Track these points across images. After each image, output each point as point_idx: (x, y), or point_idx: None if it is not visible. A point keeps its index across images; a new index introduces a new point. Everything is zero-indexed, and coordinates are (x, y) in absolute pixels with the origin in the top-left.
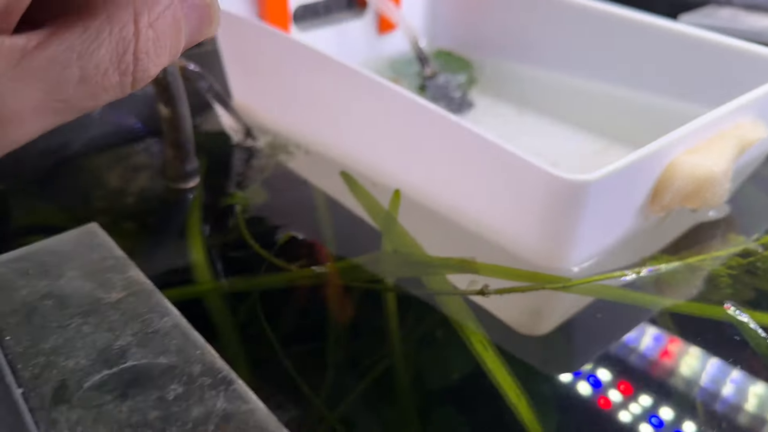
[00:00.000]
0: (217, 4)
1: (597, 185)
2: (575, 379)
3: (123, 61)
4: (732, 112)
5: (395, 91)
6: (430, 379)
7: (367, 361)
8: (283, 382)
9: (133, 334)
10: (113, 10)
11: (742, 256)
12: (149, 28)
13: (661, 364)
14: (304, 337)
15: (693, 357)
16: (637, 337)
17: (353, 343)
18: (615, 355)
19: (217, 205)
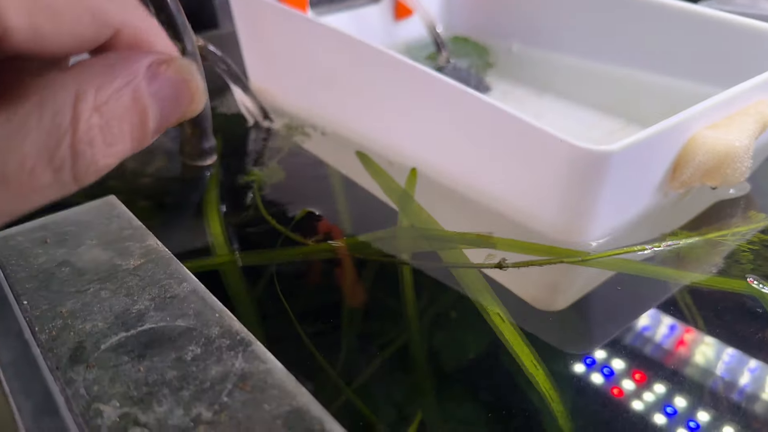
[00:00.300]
0: (199, 79)
1: (618, 156)
2: (593, 356)
3: (56, 155)
4: (754, 89)
5: (413, 67)
6: (447, 352)
7: (383, 334)
8: (298, 355)
9: (150, 299)
10: (47, 93)
11: (764, 232)
12: (94, 112)
13: (683, 341)
14: (320, 310)
15: (715, 333)
16: (657, 312)
17: (369, 316)
18: (634, 332)
19: (234, 183)
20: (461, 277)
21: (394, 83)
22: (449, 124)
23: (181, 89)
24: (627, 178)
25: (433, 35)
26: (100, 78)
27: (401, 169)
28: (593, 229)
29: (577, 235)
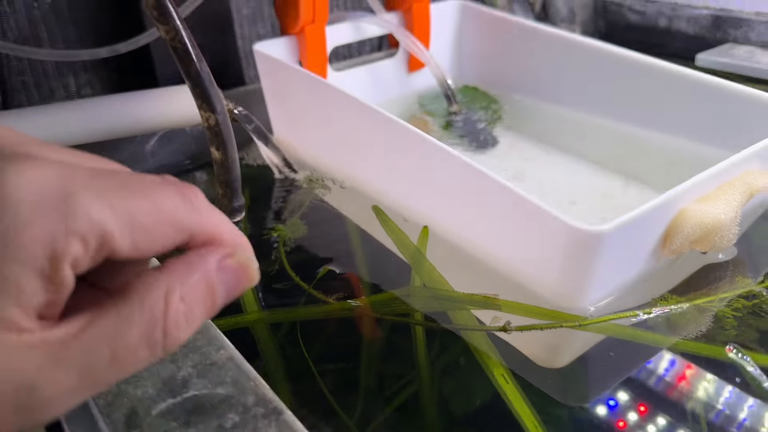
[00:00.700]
0: (254, 263)
1: (612, 235)
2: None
3: (152, 338)
4: (739, 162)
5: (419, 136)
6: (454, 406)
7: (396, 387)
8: (319, 405)
9: (193, 366)
10: (144, 292)
11: (747, 299)
12: (181, 302)
13: (669, 400)
14: (340, 364)
15: (698, 395)
16: (645, 373)
17: (384, 371)
18: (626, 389)
19: (261, 238)
20: (469, 338)
21: (403, 148)
22: (455, 190)
23: (242, 274)
24: (620, 250)
25: (444, 88)
26: (184, 275)
27: (415, 226)
28: (591, 294)
29: (577, 300)
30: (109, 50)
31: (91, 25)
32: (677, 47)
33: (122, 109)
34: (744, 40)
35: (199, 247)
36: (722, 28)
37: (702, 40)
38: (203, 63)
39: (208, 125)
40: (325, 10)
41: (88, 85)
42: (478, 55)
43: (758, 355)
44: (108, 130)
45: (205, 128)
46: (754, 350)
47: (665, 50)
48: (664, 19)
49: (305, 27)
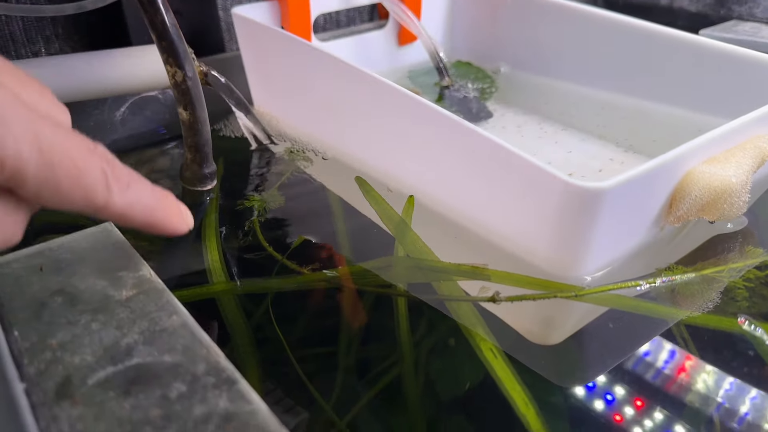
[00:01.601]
0: None
1: (612, 193)
2: (587, 391)
3: None
4: (751, 123)
5: (411, 98)
6: (440, 386)
7: (378, 366)
8: (293, 386)
9: (140, 332)
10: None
11: (760, 269)
12: None
13: (675, 379)
14: (315, 340)
15: (707, 371)
16: (650, 349)
17: (364, 347)
18: (627, 368)
19: (233, 208)
20: (455, 309)
21: (392, 112)
22: (446, 155)
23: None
24: (621, 213)
25: (436, 61)
26: None
27: (400, 196)
28: (588, 263)
29: (572, 269)
30: (75, 6)
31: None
32: (680, 25)
33: (86, 68)
34: (749, 16)
35: None
36: (726, 5)
37: (705, 18)
38: (170, 14)
39: (175, 82)
40: None
41: (61, 52)
42: (472, 27)
43: None
44: (72, 90)
45: (171, 86)
46: None
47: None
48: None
49: None
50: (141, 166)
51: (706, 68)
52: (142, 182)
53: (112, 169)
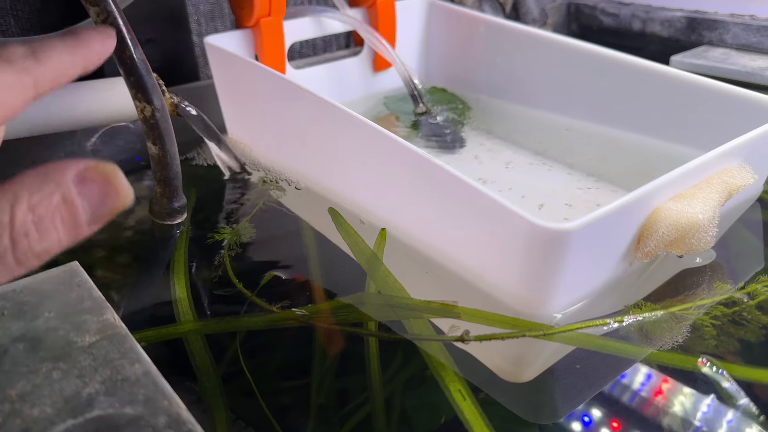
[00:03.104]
0: (121, 177)
1: (578, 234)
2: (559, 427)
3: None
4: (717, 159)
5: (380, 132)
6: (412, 426)
7: (348, 406)
8: (262, 428)
9: (102, 381)
10: None
11: (727, 306)
12: (29, 212)
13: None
14: (285, 380)
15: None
16: (619, 386)
17: (334, 387)
18: (600, 402)
19: (204, 242)
20: (425, 349)
21: (362, 145)
22: (416, 189)
23: (107, 188)
24: (588, 252)
25: (410, 88)
26: (34, 185)
27: (373, 228)
28: (557, 301)
29: (542, 307)
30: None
31: (33, 16)
32: (652, 50)
33: (57, 101)
34: (719, 42)
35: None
36: (697, 31)
37: (677, 43)
38: (138, 49)
39: (144, 117)
40: (282, 3)
41: None
42: (446, 54)
43: (738, 367)
44: (41, 124)
45: (140, 120)
46: (735, 362)
47: (640, 53)
48: (638, 21)
49: (261, 20)
50: None
51: (676, 99)
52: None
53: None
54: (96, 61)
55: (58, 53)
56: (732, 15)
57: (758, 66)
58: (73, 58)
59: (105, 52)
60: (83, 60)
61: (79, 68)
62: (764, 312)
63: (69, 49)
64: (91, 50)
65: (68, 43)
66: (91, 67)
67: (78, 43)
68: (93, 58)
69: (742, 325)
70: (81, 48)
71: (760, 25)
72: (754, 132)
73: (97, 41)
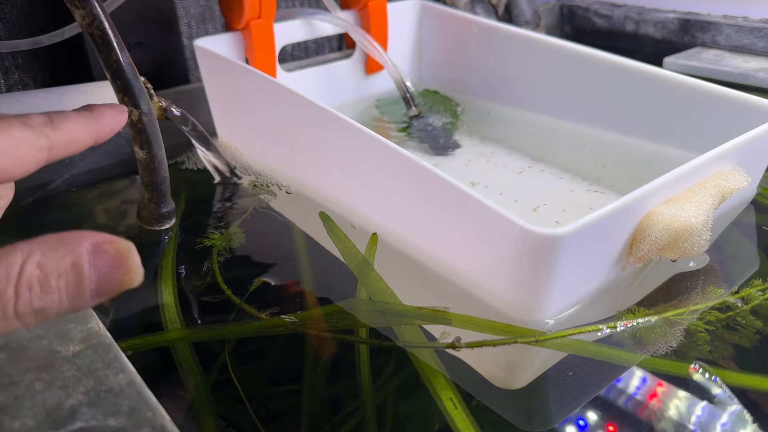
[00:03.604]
0: (134, 256)
1: (570, 239)
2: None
3: (3, 296)
4: (710, 162)
5: (371, 136)
6: (409, 429)
7: (338, 415)
8: None
9: (85, 392)
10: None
11: (721, 311)
12: (37, 267)
13: (639, 421)
14: (275, 388)
15: (668, 416)
16: (614, 392)
17: (326, 394)
18: (593, 409)
19: (192, 248)
20: (416, 356)
21: (353, 149)
22: (407, 194)
23: (119, 261)
24: (580, 257)
25: (402, 91)
26: (50, 245)
27: (364, 233)
28: (549, 306)
29: (534, 313)
30: (31, 42)
31: (21, 19)
32: (645, 52)
33: (44, 105)
34: (712, 43)
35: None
36: (690, 32)
37: (670, 44)
38: (125, 53)
39: (131, 121)
40: (272, 5)
41: (20, 84)
42: (439, 56)
43: (731, 373)
44: None
45: (127, 125)
46: (728, 368)
47: (633, 55)
48: (631, 23)
49: (251, 22)
50: (111, 198)
51: (669, 101)
52: (61, 111)
53: (28, 118)
54: (107, 134)
55: (74, 124)
56: (725, 16)
57: (751, 67)
58: (87, 129)
59: (116, 127)
60: (95, 132)
61: (92, 139)
62: (758, 317)
63: (83, 120)
64: (104, 124)
65: (83, 116)
66: (102, 139)
67: (92, 117)
68: (105, 131)
69: (736, 330)
70: (94, 121)
71: (752, 26)
72: (747, 135)
73: (109, 116)
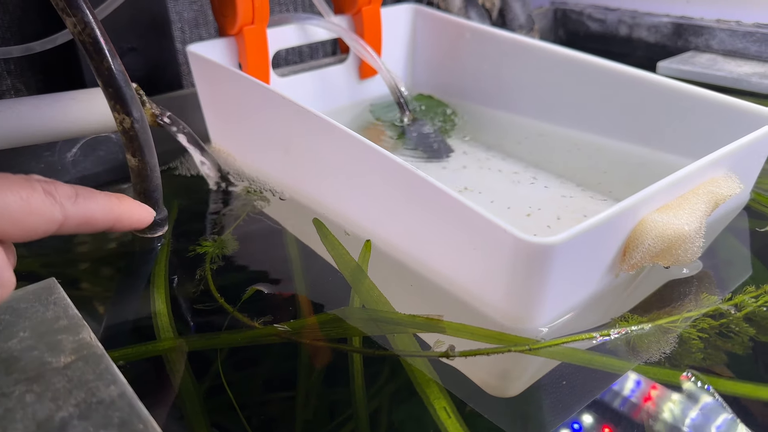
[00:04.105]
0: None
1: (562, 247)
2: None
3: None
4: (703, 169)
5: (363, 143)
6: None
7: (333, 422)
8: None
9: (76, 404)
10: None
11: (714, 318)
12: None
13: (634, 425)
14: (268, 396)
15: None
16: (607, 398)
17: (320, 403)
18: (586, 417)
19: (185, 255)
20: (409, 364)
21: (346, 156)
22: (400, 201)
23: None
24: (573, 265)
25: (396, 95)
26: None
27: (357, 240)
28: (543, 314)
29: (527, 321)
30: (23, 48)
31: (14, 25)
32: (638, 56)
33: (37, 112)
34: (705, 47)
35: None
36: (683, 36)
37: (663, 48)
38: (117, 60)
39: (123, 128)
40: (265, 11)
41: (13, 89)
42: (433, 61)
43: (725, 381)
44: (19, 135)
45: (119, 132)
46: (722, 375)
47: (626, 59)
48: (625, 27)
49: (244, 28)
50: None
51: (662, 107)
52: (91, 190)
53: (55, 187)
54: (124, 227)
55: (96, 206)
56: (718, 21)
57: (744, 72)
58: (106, 216)
59: (136, 225)
60: (114, 221)
61: (107, 226)
62: (752, 324)
63: (108, 206)
64: (125, 218)
65: (109, 202)
66: (117, 229)
67: (117, 206)
68: (123, 224)
69: (730, 338)
70: (117, 210)
71: (745, 30)
72: (740, 141)
73: (133, 213)
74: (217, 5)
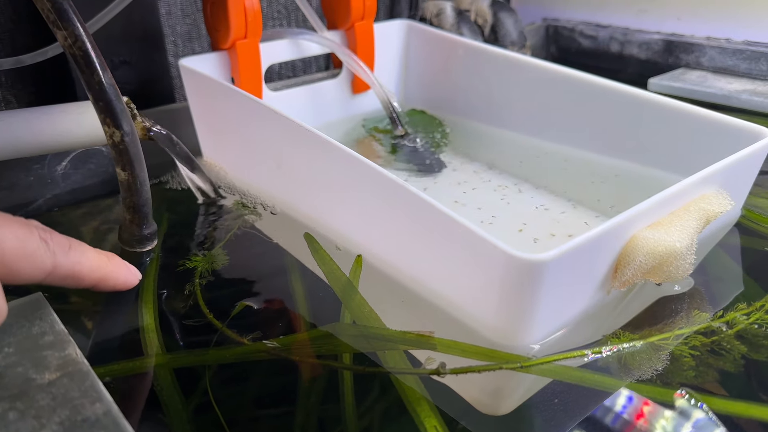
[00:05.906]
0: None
1: (554, 264)
2: None
3: None
4: (694, 185)
5: (355, 158)
6: None
7: None
8: None
9: (60, 422)
10: None
11: (706, 335)
12: None
13: None
14: (255, 414)
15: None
16: (600, 414)
17: (307, 422)
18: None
19: (174, 270)
20: (400, 382)
21: (337, 171)
22: (391, 217)
23: None
24: (565, 282)
25: (389, 110)
26: None
27: (349, 255)
28: (534, 332)
29: (519, 339)
30: (13, 61)
31: (5, 36)
32: (630, 72)
33: (27, 125)
34: (696, 64)
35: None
36: (674, 53)
37: (654, 65)
38: (107, 73)
39: (113, 142)
40: (258, 25)
41: (3, 101)
42: (425, 76)
43: (717, 399)
44: (8, 148)
45: (109, 146)
46: (714, 393)
47: (618, 75)
48: (616, 44)
49: (237, 42)
50: (93, 218)
51: (653, 124)
52: (83, 245)
53: (51, 235)
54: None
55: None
56: (708, 38)
57: (734, 89)
58: (92, 273)
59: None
60: (98, 280)
61: (91, 284)
62: (743, 341)
63: (95, 264)
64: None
65: (99, 260)
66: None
67: (105, 264)
68: (107, 284)
69: (721, 355)
70: (103, 270)
71: (735, 48)
72: (731, 158)
73: (119, 275)
74: (210, 19)
